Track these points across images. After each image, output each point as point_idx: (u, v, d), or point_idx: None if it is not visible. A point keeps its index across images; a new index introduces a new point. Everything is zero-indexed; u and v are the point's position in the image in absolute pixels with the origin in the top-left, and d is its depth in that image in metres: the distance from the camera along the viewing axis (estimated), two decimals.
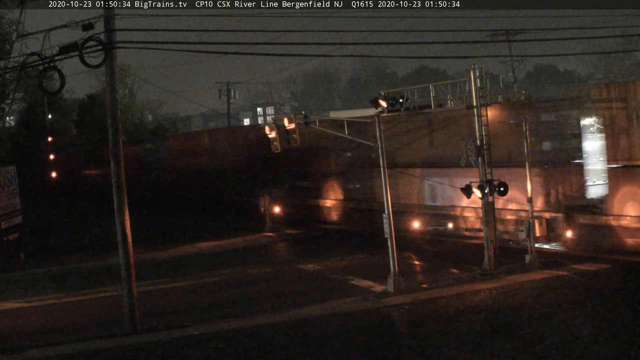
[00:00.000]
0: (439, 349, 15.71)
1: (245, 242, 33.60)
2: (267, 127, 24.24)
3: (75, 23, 17.79)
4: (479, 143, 22.49)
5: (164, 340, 17.89)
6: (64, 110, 74.39)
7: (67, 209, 56.05)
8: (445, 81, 25.51)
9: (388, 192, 21.51)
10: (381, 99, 22.13)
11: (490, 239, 22.57)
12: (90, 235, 38.36)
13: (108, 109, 19.15)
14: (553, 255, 24.85)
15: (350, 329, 17.88)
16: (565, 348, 15.06)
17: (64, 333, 19.13)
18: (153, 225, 40.69)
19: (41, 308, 22.72)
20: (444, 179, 29.59)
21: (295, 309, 20.03)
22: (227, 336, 17.77)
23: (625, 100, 24.62)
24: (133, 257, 19.10)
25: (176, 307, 21.50)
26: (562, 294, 19.62)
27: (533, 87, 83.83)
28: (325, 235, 34.34)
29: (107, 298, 23.07)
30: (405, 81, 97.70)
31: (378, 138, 21.88)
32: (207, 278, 25.74)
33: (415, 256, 26.56)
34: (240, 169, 44.22)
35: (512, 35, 54.87)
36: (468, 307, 19.02)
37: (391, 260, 21.16)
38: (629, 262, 22.96)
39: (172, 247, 33.10)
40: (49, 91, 30.13)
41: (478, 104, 22.68)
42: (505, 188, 22.63)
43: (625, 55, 74.21)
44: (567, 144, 27.12)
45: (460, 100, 23.65)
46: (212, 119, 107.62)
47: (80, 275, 27.99)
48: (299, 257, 28.73)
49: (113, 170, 18.89)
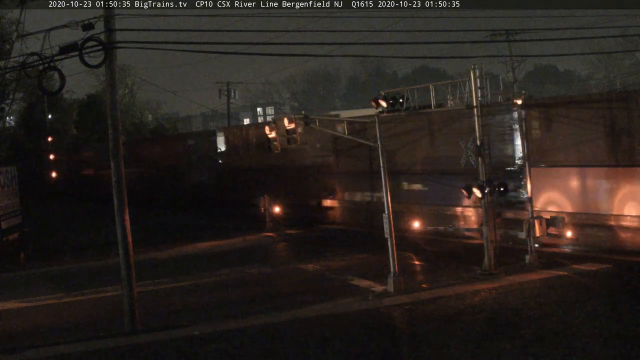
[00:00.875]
0: (439, 349, 15.70)
1: (245, 242, 33.63)
2: (266, 127, 24.18)
3: (75, 23, 17.79)
4: (479, 143, 22.49)
5: (164, 340, 17.88)
6: (64, 110, 74.44)
7: (68, 209, 56.08)
8: (445, 81, 25.47)
9: (388, 192, 21.50)
10: (381, 99, 22.13)
11: (490, 239, 22.56)
12: (91, 235, 38.36)
13: (108, 109, 19.15)
14: (553, 255, 24.86)
15: (350, 329, 17.88)
16: (565, 348, 15.06)
17: (64, 333, 19.14)
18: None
19: (41, 308, 22.72)
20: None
21: (295, 309, 20.02)
22: (227, 336, 17.76)
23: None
24: (133, 257, 19.12)
25: (176, 307, 21.50)
26: (562, 294, 19.63)
27: (533, 87, 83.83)
28: (325, 235, 34.36)
29: (107, 298, 23.07)
30: (405, 81, 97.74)
31: (378, 138, 21.89)
32: (207, 278, 25.75)
33: (415, 256, 26.56)
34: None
35: (512, 35, 54.86)
36: (468, 307, 19.01)
37: (391, 260, 21.16)
38: (629, 262, 22.98)
39: (172, 246, 33.15)
40: (49, 91, 30.21)
41: (478, 104, 22.68)
42: (506, 188, 22.64)
43: (625, 55, 74.18)
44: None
45: (460, 100, 23.60)
46: (212, 119, 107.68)
47: (80, 275, 28.00)
48: (299, 257, 28.74)
49: (113, 170, 18.89)
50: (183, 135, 65.67)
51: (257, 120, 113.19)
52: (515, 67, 59.46)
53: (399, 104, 22.36)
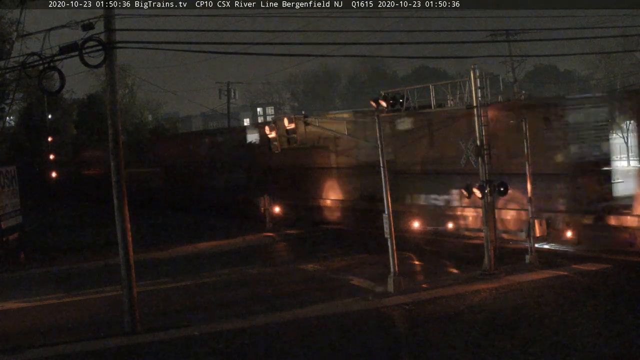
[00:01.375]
0: (439, 349, 15.70)
1: (245, 242, 33.62)
2: (266, 127, 24.22)
3: (75, 23, 17.78)
4: (479, 143, 22.49)
5: (164, 340, 17.88)
6: (64, 110, 74.38)
7: (68, 209, 56.07)
8: (445, 81, 25.51)
9: (388, 192, 21.50)
10: (381, 99, 22.14)
11: (490, 239, 22.57)
12: (90, 235, 38.35)
13: (108, 109, 19.14)
14: (553, 255, 24.86)
15: (350, 329, 17.88)
16: (565, 348, 15.06)
17: (64, 333, 19.13)
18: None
19: (41, 308, 22.70)
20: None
21: (295, 309, 20.02)
22: (227, 336, 17.75)
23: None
24: (133, 257, 19.11)
25: (176, 307, 21.49)
26: (562, 294, 19.63)
27: (533, 87, 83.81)
28: (325, 235, 34.36)
29: (107, 298, 23.06)
30: (405, 81, 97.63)
31: (378, 138, 21.89)
32: (207, 278, 25.75)
33: (415, 256, 26.56)
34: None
35: (512, 35, 54.82)
36: (468, 307, 19.01)
37: (391, 260, 21.16)
38: (629, 262, 22.98)
39: (173, 246, 33.15)
40: (49, 91, 30.14)
41: (478, 104, 22.69)
42: (505, 188, 22.64)
43: (625, 55, 74.10)
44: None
45: (460, 100, 23.65)
46: (212, 119, 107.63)
47: (80, 275, 27.98)
48: (298, 257, 28.73)
49: (113, 170, 18.89)
50: (210, 131, 61.35)
51: (257, 120, 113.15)
52: (515, 67, 59.48)
53: (399, 104, 22.39)
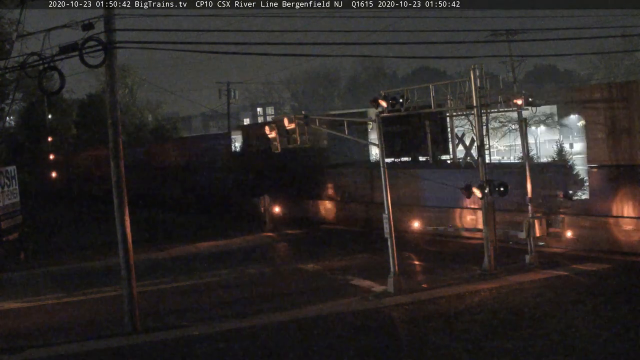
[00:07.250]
0: (439, 349, 15.70)
1: (245, 242, 33.63)
2: (266, 127, 24.16)
3: (75, 23, 17.78)
4: (479, 143, 22.49)
5: (164, 340, 17.89)
6: (64, 110, 74.33)
7: (68, 209, 56.06)
8: (445, 81, 25.47)
9: (388, 192, 21.49)
10: (381, 99, 22.12)
11: (490, 239, 22.56)
12: (90, 235, 38.34)
13: (108, 109, 19.15)
14: (553, 255, 24.85)
15: (350, 329, 17.87)
16: (565, 348, 15.05)
17: (64, 333, 19.14)
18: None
19: (41, 308, 22.71)
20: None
21: (295, 309, 20.03)
22: (227, 336, 17.76)
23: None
24: (133, 257, 19.11)
25: (176, 307, 21.50)
26: (562, 294, 19.62)
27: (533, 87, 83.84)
28: (325, 235, 34.35)
29: (107, 298, 23.07)
30: (405, 81, 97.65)
31: (378, 138, 21.88)
32: (207, 278, 25.75)
33: (415, 256, 26.56)
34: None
35: (512, 35, 54.79)
36: (468, 307, 19.01)
37: (391, 260, 21.16)
38: (629, 262, 22.97)
39: (172, 246, 33.15)
40: (49, 91, 30.12)
41: (478, 104, 22.68)
42: (506, 188, 22.60)
43: (625, 55, 74.14)
44: None
45: (460, 100, 23.60)
46: (212, 119, 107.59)
47: (80, 275, 27.99)
48: (298, 257, 28.73)
49: (113, 170, 18.89)
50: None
51: (257, 120, 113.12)
52: (515, 67, 59.43)
53: (399, 104, 22.37)
